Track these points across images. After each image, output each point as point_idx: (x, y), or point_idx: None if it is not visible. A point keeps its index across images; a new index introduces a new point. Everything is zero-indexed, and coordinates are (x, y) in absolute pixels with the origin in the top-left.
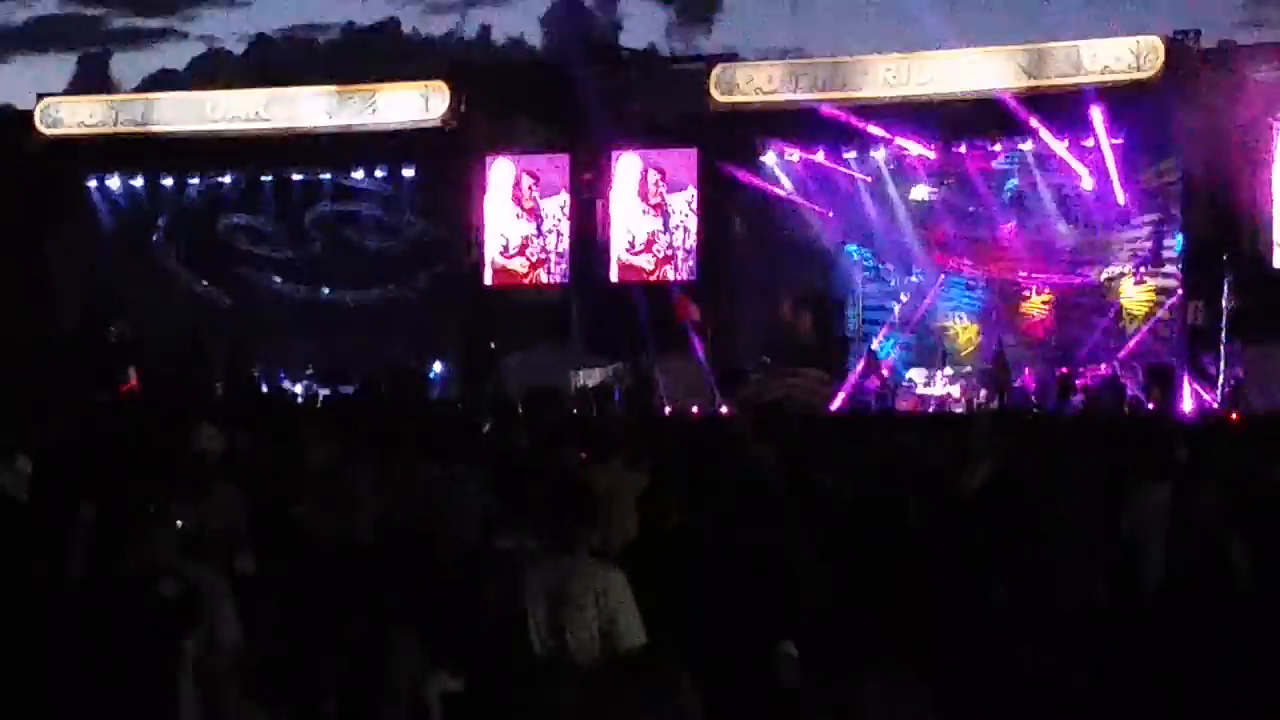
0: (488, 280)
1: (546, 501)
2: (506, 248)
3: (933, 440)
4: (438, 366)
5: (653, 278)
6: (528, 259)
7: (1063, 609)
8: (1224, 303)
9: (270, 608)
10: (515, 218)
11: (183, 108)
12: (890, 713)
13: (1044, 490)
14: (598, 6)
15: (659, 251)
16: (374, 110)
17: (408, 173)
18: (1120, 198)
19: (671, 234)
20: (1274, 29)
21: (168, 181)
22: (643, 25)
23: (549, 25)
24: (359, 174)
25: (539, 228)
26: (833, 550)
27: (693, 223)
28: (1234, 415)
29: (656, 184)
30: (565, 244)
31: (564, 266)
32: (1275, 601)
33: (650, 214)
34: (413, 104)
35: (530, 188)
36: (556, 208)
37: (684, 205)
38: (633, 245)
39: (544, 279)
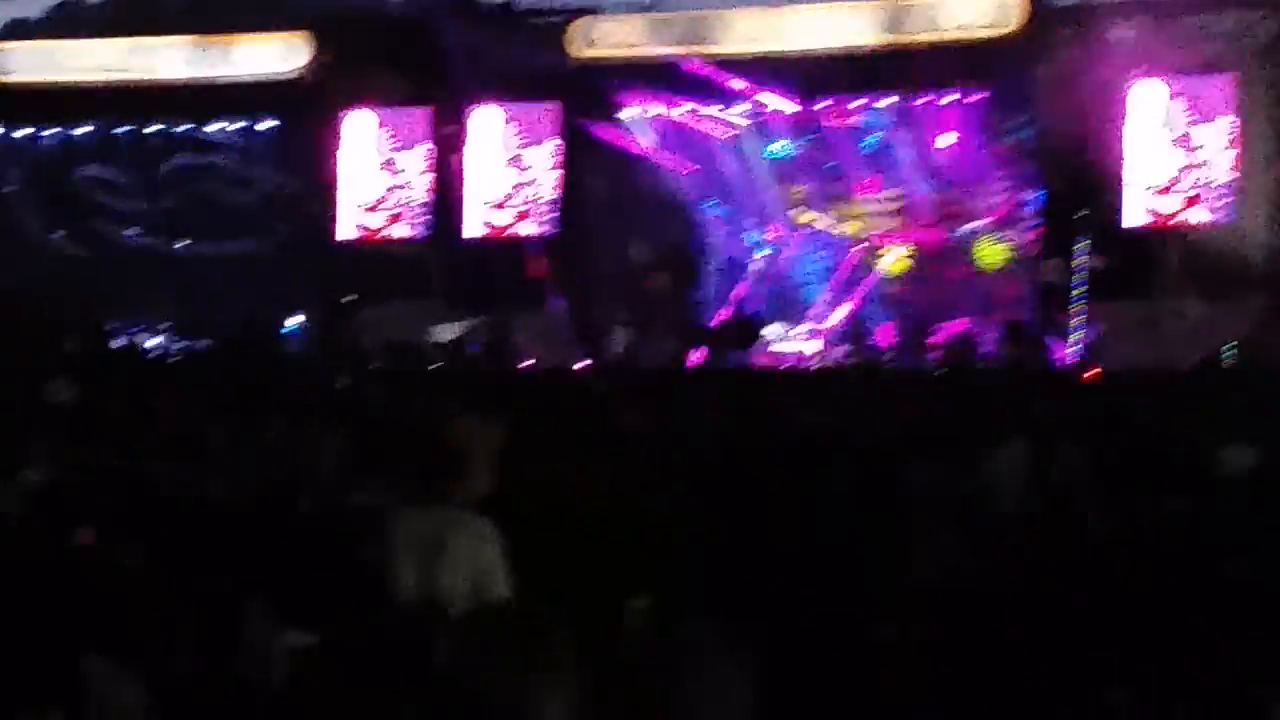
0: (346, 234)
1: (412, 455)
2: (365, 201)
3: (795, 397)
4: (295, 321)
5: (509, 227)
6: (386, 212)
7: (919, 573)
8: (1082, 261)
9: (122, 564)
10: (374, 171)
11: (37, 58)
12: (709, 670)
13: (900, 449)
14: None
15: (518, 205)
16: (232, 62)
17: (266, 125)
18: (978, 155)
19: (531, 188)
20: None
21: (21, 133)
22: None
23: None
24: (216, 126)
25: (398, 181)
26: (697, 507)
27: (552, 177)
28: (1091, 372)
29: (516, 138)
30: (424, 198)
31: (422, 220)
32: (1134, 558)
33: (510, 168)
34: (271, 56)
35: (389, 141)
36: (415, 161)
37: (543, 159)
38: (493, 199)
39: (402, 233)
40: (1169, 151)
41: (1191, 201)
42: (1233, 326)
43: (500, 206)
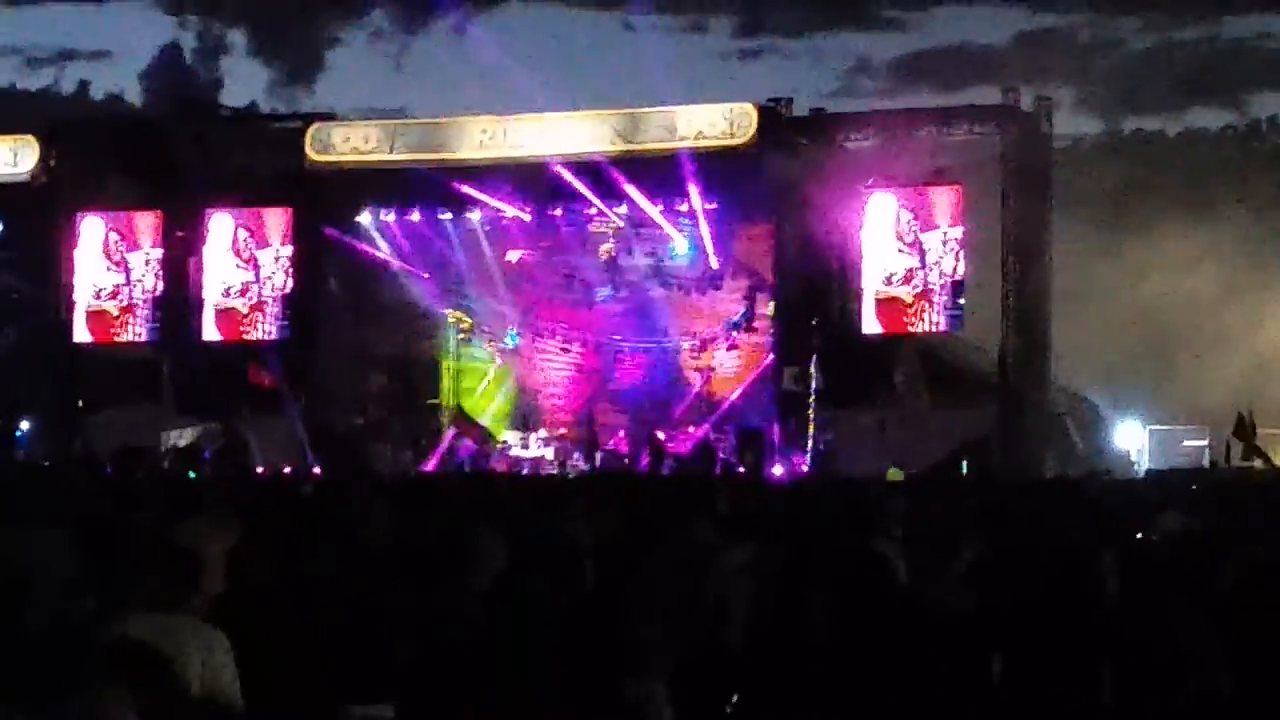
0: (78, 337)
1: (140, 562)
2: (97, 304)
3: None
4: (25, 425)
5: (243, 332)
6: (118, 316)
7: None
8: (812, 371)
9: None
10: (105, 271)
11: None
12: None
13: (632, 554)
14: (199, 63)
15: (252, 309)
16: None
17: None
18: (713, 262)
19: (265, 292)
20: (865, 99)
21: None
22: (245, 83)
23: (148, 82)
24: None
25: (129, 282)
26: (444, 607)
27: (281, 279)
28: (817, 478)
29: (247, 241)
30: (156, 301)
31: (155, 324)
32: (852, 653)
33: (242, 269)
34: (1, 158)
35: (120, 243)
36: (148, 265)
37: (277, 264)
38: (228, 293)
39: (134, 336)
40: (901, 259)
41: (923, 309)
42: (964, 432)
43: (233, 310)
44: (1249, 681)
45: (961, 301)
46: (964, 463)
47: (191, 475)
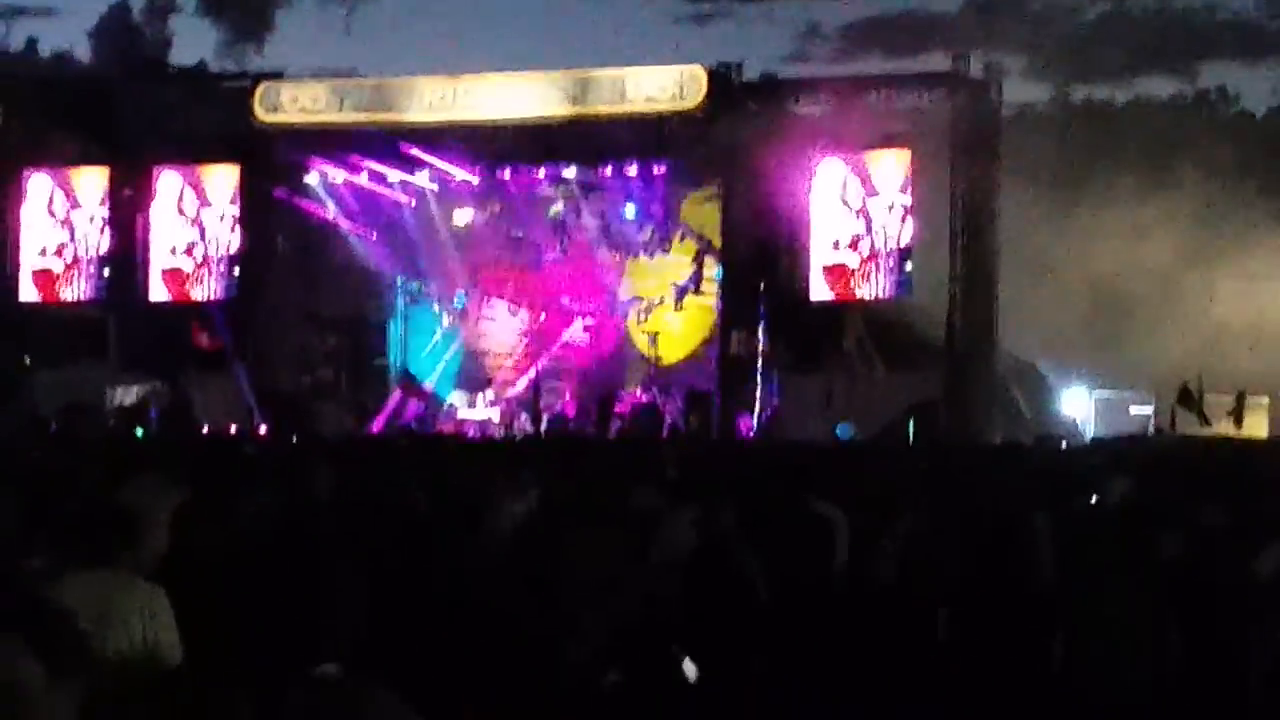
0: (24, 295)
1: (81, 518)
2: (44, 262)
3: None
4: None
5: (189, 291)
6: (65, 274)
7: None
8: (759, 336)
9: None
10: (50, 229)
11: None
12: None
13: (578, 516)
14: (147, 22)
15: (199, 268)
16: None
17: None
18: (661, 226)
19: (211, 251)
20: (817, 64)
21: None
22: (194, 42)
23: (97, 40)
24: None
25: (74, 239)
26: (378, 574)
27: (228, 239)
28: (763, 442)
29: (194, 200)
30: (103, 259)
31: (101, 283)
32: (790, 613)
33: (189, 228)
34: None
35: (68, 202)
36: (94, 223)
37: (221, 221)
38: (174, 251)
39: (79, 294)
40: (849, 225)
41: (870, 274)
42: (911, 397)
43: (180, 270)
44: (1194, 647)
45: (909, 268)
46: (911, 428)
47: (137, 434)
